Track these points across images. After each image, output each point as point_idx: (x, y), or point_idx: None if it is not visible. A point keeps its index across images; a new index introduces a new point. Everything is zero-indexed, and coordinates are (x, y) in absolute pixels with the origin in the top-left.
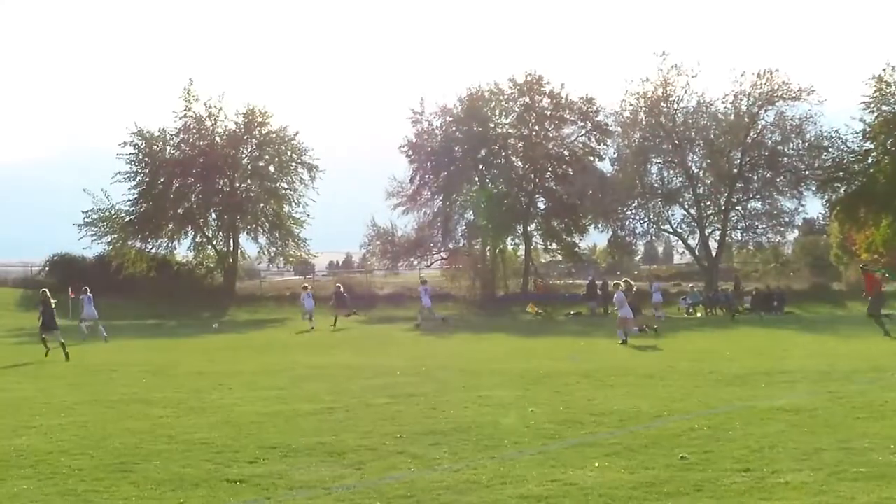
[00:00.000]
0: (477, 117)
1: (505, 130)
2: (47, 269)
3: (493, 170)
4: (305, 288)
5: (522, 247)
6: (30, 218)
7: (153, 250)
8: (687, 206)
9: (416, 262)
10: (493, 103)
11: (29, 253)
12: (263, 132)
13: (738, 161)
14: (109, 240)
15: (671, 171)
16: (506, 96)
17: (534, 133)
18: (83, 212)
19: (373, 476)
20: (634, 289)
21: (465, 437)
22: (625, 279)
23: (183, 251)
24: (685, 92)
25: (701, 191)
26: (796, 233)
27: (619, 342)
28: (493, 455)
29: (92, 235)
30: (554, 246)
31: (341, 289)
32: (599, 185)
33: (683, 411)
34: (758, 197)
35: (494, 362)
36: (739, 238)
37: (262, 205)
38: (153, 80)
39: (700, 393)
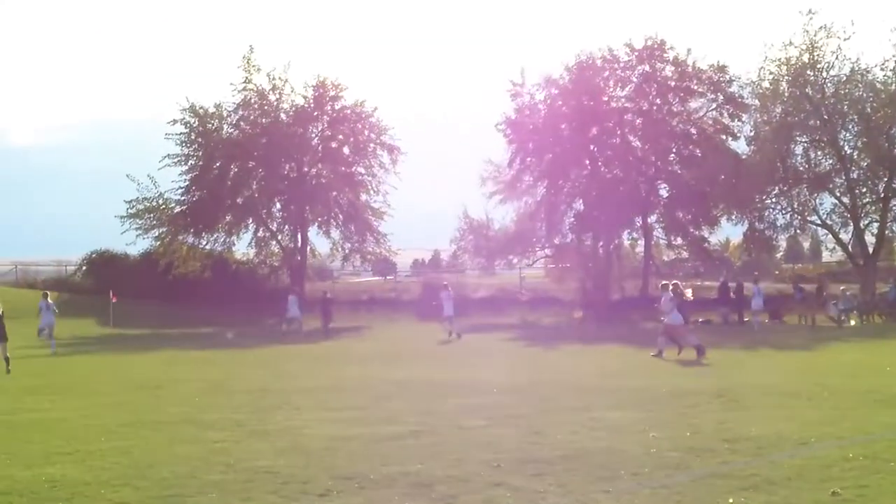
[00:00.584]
0: (587, 89)
1: (621, 105)
2: (84, 268)
3: (606, 151)
4: (293, 291)
5: (641, 242)
6: (62, 209)
7: (208, 246)
8: (838, 194)
9: (515, 261)
10: (607, 73)
11: (63, 250)
12: (336, 108)
13: None
14: (157, 234)
15: (819, 152)
16: (622, 64)
17: (655, 107)
18: (126, 202)
19: None
20: (687, 293)
21: (574, 467)
22: (674, 281)
23: (242, 247)
24: (836, 57)
25: (855, 175)
26: None
27: (652, 353)
28: (608, 488)
29: (136, 229)
30: (679, 241)
31: (327, 294)
32: (733, 168)
33: (835, 437)
34: None
35: (609, 378)
36: None
37: (334, 193)
38: (206, 48)
39: (855, 415)
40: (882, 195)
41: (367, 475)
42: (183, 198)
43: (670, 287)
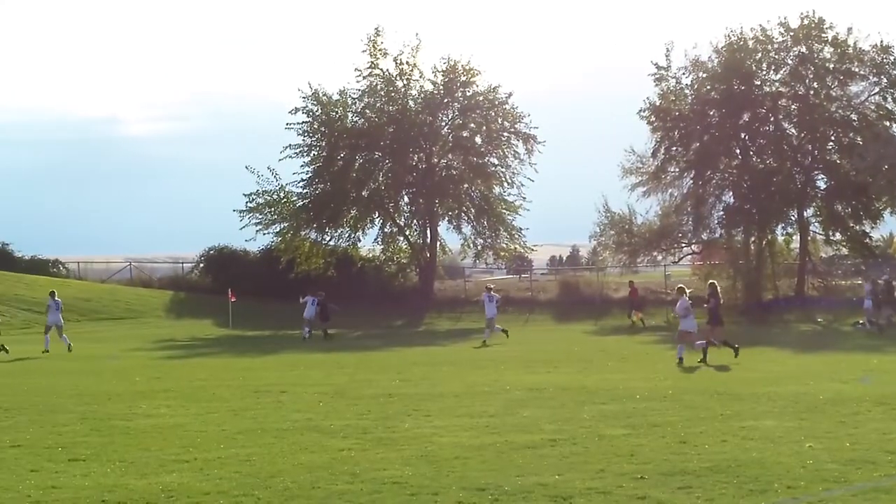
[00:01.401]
0: (738, 73)
1: (774, 89)
2: (201, 266)
3: (758, 139)
4: (311, 293)
5: (797, 237)
6: (178, 202)
7: (332, 242)
8: None
9: (660, 258)
10: (759, 55)
11: (179, 246)
12: (468, 94)
13: None
14: (278, 229)
15: None
16: (776, 45)
17: (811, 92)
18: (245, 195)
19: None
20: (718, 294)
21: (723, 480)
22: (710, 282)
23: (368, 243)
24: None
25: None
26: None
27: (676, 361)
28: (760, 502)
29: (256, 224)
30: (838, 236)
31: (322, 297)
32: None
33: None
34: None
35: (761, 384)
36: None
37: (466, 185)
38: (329, 31)
39: None
40: None
41: (502, 486)
42: (305, 191)
43: (687, 291)
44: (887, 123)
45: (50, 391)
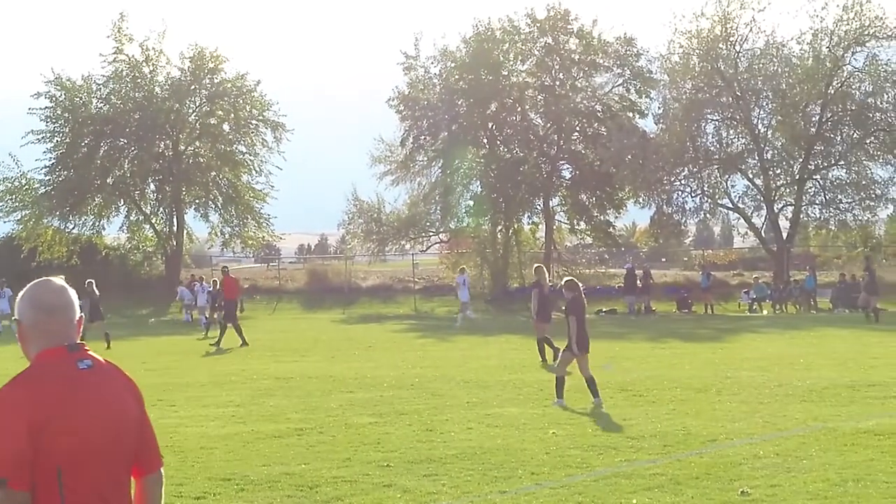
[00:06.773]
0: (486, 63)
1: (521, 80)
2: None
3: (505, 129)
4: (200, 279)
5: (542, 226)
6: None
7: (75, 230)
8: (751, 175)
9: (407, 246)
10: (507, 45)
11: None
12: (215, 81)
13: (817, 118)
14: (19, 217)
15: (731, 131)
16: (523, 36)
17: (557, 83)
18: None
19: None
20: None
21: (468, 466)
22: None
23: (113, 232)
24: (750, 30)
25: (769, 156)
26: (891, 209)
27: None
28: (505, 489)
29: None
30: (582, 225)
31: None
32: (640, 148)
33: (745, 434)
34: (842, 163)
35: (506, 372)
36: (817, 215)
37: (213, 173)
38: (74, 14)
39: (766, 411)
40: (797, 177)
41: (247, 476)
42: (47, 177)
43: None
44: (630, 114)
45: None
